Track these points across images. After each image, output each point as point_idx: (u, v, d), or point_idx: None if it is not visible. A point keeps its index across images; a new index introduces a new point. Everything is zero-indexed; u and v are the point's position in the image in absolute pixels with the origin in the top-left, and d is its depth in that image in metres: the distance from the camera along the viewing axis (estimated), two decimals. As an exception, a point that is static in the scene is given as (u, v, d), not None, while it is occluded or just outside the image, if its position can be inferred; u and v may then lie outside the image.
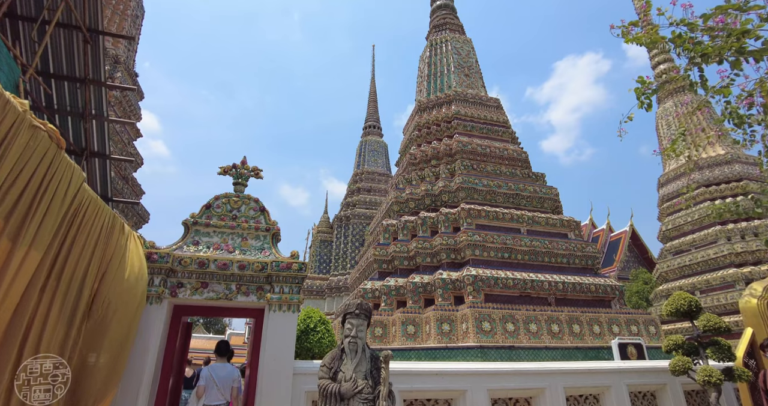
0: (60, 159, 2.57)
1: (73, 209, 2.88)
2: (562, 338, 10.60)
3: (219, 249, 4.65)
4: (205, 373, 5.11)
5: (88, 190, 3.08)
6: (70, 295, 2.98)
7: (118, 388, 3.53)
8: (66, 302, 2.91)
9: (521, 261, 12.57)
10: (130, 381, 3.83)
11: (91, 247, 3.22)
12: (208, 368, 5.20)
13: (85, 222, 3.07)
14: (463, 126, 16.70)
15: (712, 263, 20.12)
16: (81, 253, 3.09)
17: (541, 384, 5.07)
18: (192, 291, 4.35)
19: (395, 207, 14.91)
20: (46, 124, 2.42)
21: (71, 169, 2.71)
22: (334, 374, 3.49)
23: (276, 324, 4.32)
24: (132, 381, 3.83)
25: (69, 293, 2.96)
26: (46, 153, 2.41)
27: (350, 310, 3.72)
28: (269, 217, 5.05)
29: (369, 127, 35.18)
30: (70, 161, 2.71)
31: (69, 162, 2.70)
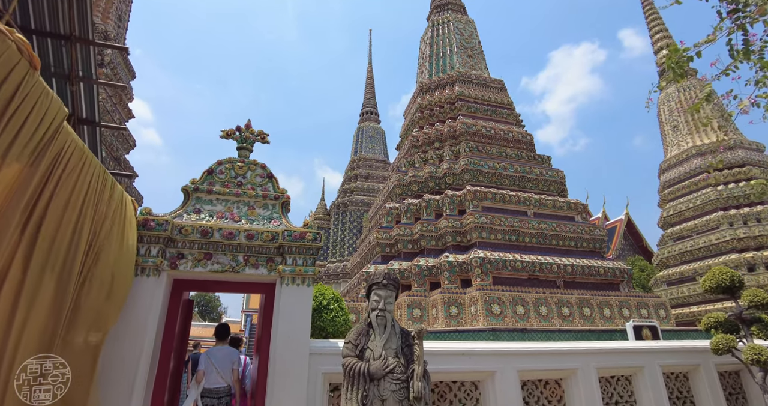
0: (34, 81, 2.08)
1: (54, 152, 2.39)
2: (573, 320, 10.32)
3: (223, 218, 4.19)
4: (203, 357, 4.79)
5: (72, 133, 2.60)
6: (55, 256, 2.51)
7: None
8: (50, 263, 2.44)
9: (528, 244, 12.23)
10: (127, 363, 3.39)
11: (78, 205, 2.74)
12: (206, 351, 4.86)
13: (69, 171, 2.59)
14: (467, 107, 16.21)
15: (714, 249, 19.97)
16: (65, 209, 2.61)
17: (573, 365, 4.72)
18: (194, 263, 3.90)
19: (398, 190, 14.47)
20: (14, 33, 1.94)
21: (48, 97, 2.22)
22: (361, 352, 3.08)
23: (289, 299, 3.89)
24: (129, 363, 3.39)
25: (54, 253, 2.49)
26: (14, 69, 1.92)
27: (376, 281, 3.30)
28: (277, 184, 4.58)
29: (366, 113, 34.53)
30: (47, 89, 2.22)
31: (46, 89, 2.21)
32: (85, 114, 6.10)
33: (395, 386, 2.91)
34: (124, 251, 3.28)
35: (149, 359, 3.56)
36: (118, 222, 3.22)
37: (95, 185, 2.91)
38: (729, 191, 20.76)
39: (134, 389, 3.34)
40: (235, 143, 4.78)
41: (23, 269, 2.35)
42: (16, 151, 2.13)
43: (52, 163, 2.45)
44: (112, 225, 3.10)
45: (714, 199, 20.81)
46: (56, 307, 2.56)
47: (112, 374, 3.31)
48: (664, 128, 26.35)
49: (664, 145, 26.25)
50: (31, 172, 2.31)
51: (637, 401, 4.97)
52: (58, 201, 2.55)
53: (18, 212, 2.27)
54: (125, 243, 3.30)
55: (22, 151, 2.17)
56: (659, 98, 27.55)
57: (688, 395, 5.30)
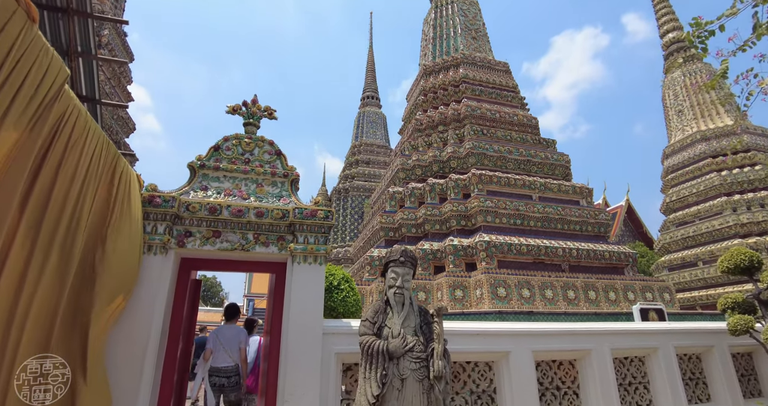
0: (32, 36, 1.92)
1: (55, 117, 2.24)
2: (578, 304, 10.30)
3: (231, 195, 4.05)
4: (212, 335, 4.75)
5: (74, 98, 2.44)
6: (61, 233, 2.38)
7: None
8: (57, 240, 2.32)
9: (533, 228, 12.14)
10: (136, 343, 3.28)
11: (83, 177, 2.60)
12: (215, 330, 4.81)
13: (75, 140, 2.43)
14: (472, 90, 15.94)
15: (717, 234, 19.94)
16: (72, 182, 2.47)
17: (588, 346, 4.65)
18: (202, 241, 3.77)
19: (401, 174, 14.31)
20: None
21: (48, 55, 2.05)
22: (379, 330, 2.98)
23: (302, 278, 3.77)
24: (136, 345, 3.29)
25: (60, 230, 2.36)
26: (11, 19, 1.75)
27: (393, 257, 3.18)
28: (286, 161, 4.43)
29: (367, 97, 34.09)
30: (47, 45, 2.05)
31: (45, 45, 2.03)
32: (85, 91, 5.90)
33: (415, 365, 2.82)
34: (132, 228, 3.15)
35: (158, 339, 3.46)
36: (124, 197, 3.09)
37: (100, 156, 2.76)
38: (733, 177, 20.62)
39: (143, 371, 3.25)
40: (238, 122, 4.62)
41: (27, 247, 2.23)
42: (15, 114, 1.98)
43: (53, 129, 2.30)
44: (118, 200, 2.97)
45: (718, 184, 20.68)
46: (61, 286, 2.44)
47: (120, 355, 3.21)
48: (669, 113, 26.05)
49: (668, 131, 25.99)
50: (32, 140, 2.16)
51: (651, 382, 4.92)
52: (63, 173, 2.41)
53: (20, 184, 2.13)
54: (132, 219, 3.17)
55: (21, 115, 2.02)
56: (664, 83, 27.17)
57: (700, 376, 5.26)
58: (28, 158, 2.16)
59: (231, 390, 4.57)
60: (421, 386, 2.80)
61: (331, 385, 3.61)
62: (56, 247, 2.40)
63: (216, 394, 4.57)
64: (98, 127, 2.79)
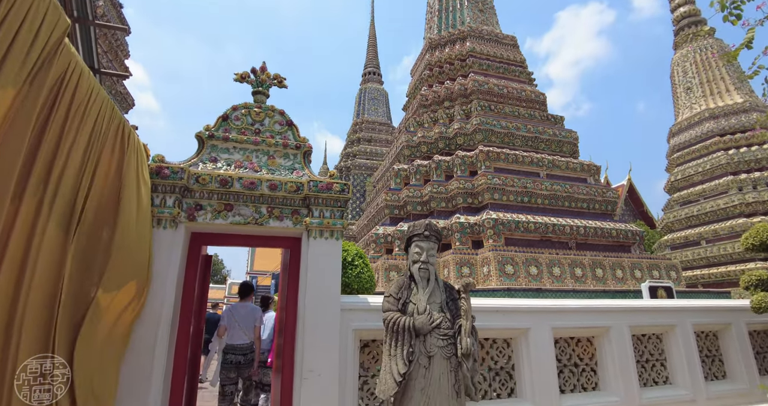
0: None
1: (56, 74, 2.03)
2: (585, 281, 10.26)
3: (242, 167, 3.86)
4: (227, 312, 4.70)
5: (75, 54, 2.22)
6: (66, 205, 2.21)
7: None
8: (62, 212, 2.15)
9: (541, 205, 12.00)
10: (146, 323, 3.16)
11: (88, 143, 2.41)
12: (230, 307, 4.76)
13: (79, 102, 2.23)
14: (479, 64, 15.49)
15: (721, 214, 19.83)
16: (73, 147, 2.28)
17: (607, 323, 4.57)
18: (214, 214, 3.61)
19: (406, 151, 14.05)
20: None
21: (46, 1, 1.84)
22: (404, 306, 2.85)
23: (318, 253, 3.63)
24: (148, 323, 3.17)
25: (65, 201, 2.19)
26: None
27: (417, 231, 3.03)
28: (298, 132, 4.22)
29: (369, 73, 33.35)
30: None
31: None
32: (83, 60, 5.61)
33: (442, 342, 2.71)
34: (141, 201, 2.98)
35: (170, 316, 3.34)
36: (134, 165, 2.90)
37: (105, 121, 2.56)
38: (740, 155, 20.36)
39: (156, 350, 3.13)
40: (238, 100, 4.38)
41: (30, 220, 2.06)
42: (11, 67, 1.77)
43: (54, 88, 2.09)
44: (129, 168, 2.78)
45: (724, 163, 20.44)
46: (64, 262, 2.27)
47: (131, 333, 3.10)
48: (677, 91, 25.52)
49: (676, 109, 25.53)
50: (31, 99, 1.96)
51: (668, 359, 4.87)
52: (67, 139, 2.21)
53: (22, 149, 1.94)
54: (141, 191, 2.99)
55: (19, 69, 1.81)
56: (673, 59, 26.52)
57: (716, 353, 5.21)
58: (29, 121, 1.96)
59: (246, 367, 4.59)
60: (449, 363, 2.69)
61: (349, 362, 3.52)
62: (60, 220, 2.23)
63: (233, 371, 4.57)
64: (102, 89, 2.58)
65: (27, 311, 2.02)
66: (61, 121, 2.16)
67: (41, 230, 2.09)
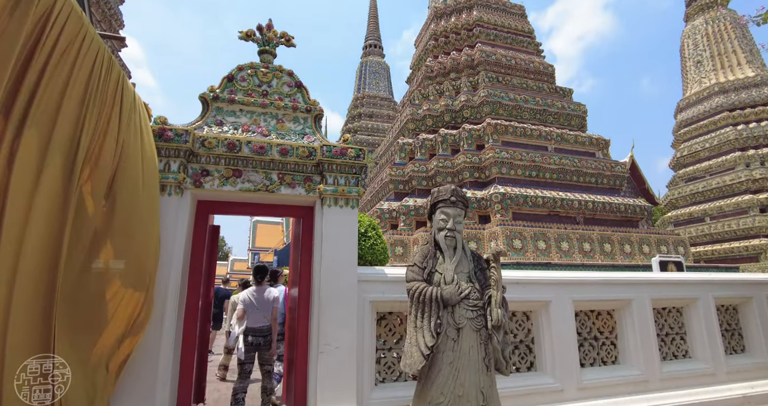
0: None
1: (40, 9, 1.77)
2: (594, 256, 10.16)
3: (249, 131, 3.61)
4: (245, 296, 4.72)
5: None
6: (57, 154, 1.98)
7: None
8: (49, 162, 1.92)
9: (549, 180, 11.77)
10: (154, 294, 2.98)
11: (81, 91, 2.16)
12: (247, 291, 4.79)
13: (67, 43, 1.97)
14: (486, 34, 14.93)
15: (727, 190, 19.63)
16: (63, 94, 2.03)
17: (628, 295, 4.42)
18: (221, 181, 3.38)
19: (410, 125, 13.70)
20: None
21: None
22: (429, 276, 2.67)
23: (334, 222, 3.43)
24: (156, 294, 2.98)
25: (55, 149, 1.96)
26: None
27: (443, 197, 2.81)
28: (308, 94, 3.94)
29: (369, 46, 32.43)
30: None
31: None
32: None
33: (472, 314, 2.54)
34: (146, 162, 2.74)
35: (177, 291, 3.16)
36: (132, 124, 2.65)
37: (100, 70, 2.30)
38: (749, 131, 19.99)
39: (164, 324, 2.96)
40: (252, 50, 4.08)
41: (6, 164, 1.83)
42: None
43: (38, 25, 1.83)
44: (131, 127, 2.54)
45: (732, 138, 20.08)
46: (57, 247, 2.05)
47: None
48: (687, 64, 24.85)
49: (684, 83, 24.93)
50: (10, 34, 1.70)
51: (688, 333, 4.76)
52: (54, 81, 1.96)
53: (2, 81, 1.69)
54: (145, 152, 2.75)
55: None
56: (684, 32, 25.71)
57: (736, 327, 5.10)
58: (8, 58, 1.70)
59: (266, 348, 4.63)
60: (479, 336, 2.53)
61: (366, 334, 3.37)
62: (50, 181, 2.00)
63: (253, 351, 4.60)
64: (98, 35, 2.30)
65: (20, 280, 1.83)
66: (43, 60, 1.90)
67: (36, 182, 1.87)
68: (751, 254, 17.46)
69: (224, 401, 5.00)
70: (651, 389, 4.23)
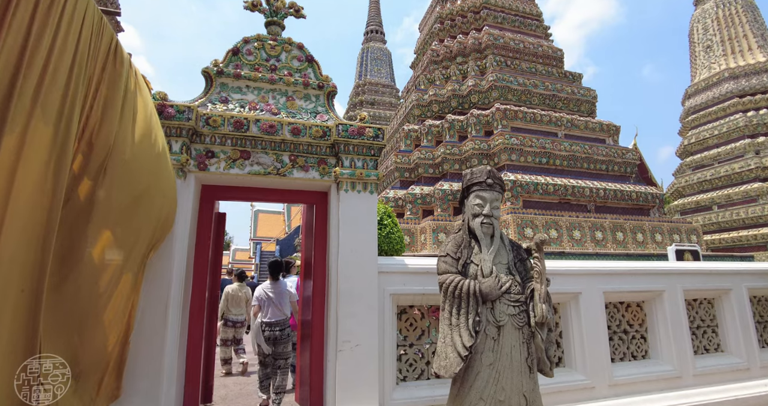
0: None
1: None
2: (606, 245, 9.90)
3: (257, 109, 3.30)
4: (260, 293, 4.68)
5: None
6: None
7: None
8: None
9: (559, 167, 11.46)
10: (155, 287, 2.71)
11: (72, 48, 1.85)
12: (262, 287, 4.75)
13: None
14: (494, 17, 14.44)
15: (736, 178, 19.31)
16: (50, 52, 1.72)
17: (660, 286, 4.17)
18: (228, 163, 3.08)
19: (416, 111, 13.32)
20: None
21: None
22: (464, 268, 2.39)
23: (351, 208, 3.14)
24: (158, 287, 2.72)
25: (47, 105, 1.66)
26: None
27: (477, 179, 2.52)
28: (320, 70, 3.62)
29: (371, 32, 31.73)
30: None
31: None
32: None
33: (513, 310, 2.27)
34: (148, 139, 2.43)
35: (182, 282, 2.89)
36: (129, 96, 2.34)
37: (93, 33, 1.98)
38: (760, 118, 19.58)
39: (168, 320, 2.69)
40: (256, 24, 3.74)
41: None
42: None
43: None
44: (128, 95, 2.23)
45: (742, 125, 19.69)
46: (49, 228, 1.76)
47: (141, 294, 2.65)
48: (695, 50, 24.31)
49: (693, 69, 24.42)
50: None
51: (720, 325, 4.52)
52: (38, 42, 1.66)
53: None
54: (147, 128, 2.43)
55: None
56: (693, 16, 25.13)
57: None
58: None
59: (282, 341, 4.57)
60: (521, 334, 2.26)
61: (387, 331, 3.11)
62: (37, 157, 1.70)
63: (269, 345, 4.55)
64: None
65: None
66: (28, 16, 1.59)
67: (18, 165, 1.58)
68: (760, 243, 17.23)
69: (232, 398, 4.78)
70: (684, 386, 3.99)
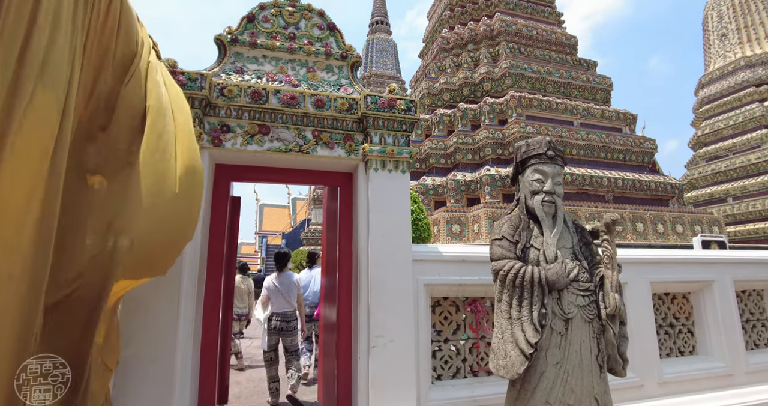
0: None
1: None
2: (626, 236, 9.57)
3: (275, 81, 2.98)
4: (268, 283, 4.61)
5: None
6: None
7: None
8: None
9: (576, 156, 11.11)
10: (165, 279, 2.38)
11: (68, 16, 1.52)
12: (270, 278, 4.68)
13: None
14: (506, 3, 14.01)
15: (752, 169, 18.85)
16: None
17: (709, 276, 3.85)
18: (245, 138, 2.76)
19: (427, 100, 12.96)
20: None
21: None
22: (523, 252, 2.07)
23: (382, 189, 2.83)
24: (168, 279, 2.40)
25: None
26: None
27: (536, 151, 2.19)
28: (343, 39, 3.29)
29: (376, 23, 31.25)
30: None
31: None
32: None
33: (583, 300, 1.96)
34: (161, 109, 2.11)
35: (195, 273, 2.59)
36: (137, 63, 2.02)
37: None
38: None
39: (180, 314, 2.40)
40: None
41: None
42: None
43: None
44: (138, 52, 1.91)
45: (759, 115, 19.18)
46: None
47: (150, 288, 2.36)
48: (710, 38, 23.72)
49: (707, 58, 23.86)
50: None
51: (770, 319, 4.20)
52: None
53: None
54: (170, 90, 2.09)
55: None
56: (707, 4, 24.53)
57: (819, 311, 4.53)
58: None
59: (288, 334, 4.45)
60: (591, 328, 1.96)
61: (422, 325, 2.81)
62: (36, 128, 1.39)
63: (275, 336, 4.44)
64: None
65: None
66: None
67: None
68: (776, 235, 16.83)
69: (246, 396, 4.50)
70: (736, 384, 3.69)
